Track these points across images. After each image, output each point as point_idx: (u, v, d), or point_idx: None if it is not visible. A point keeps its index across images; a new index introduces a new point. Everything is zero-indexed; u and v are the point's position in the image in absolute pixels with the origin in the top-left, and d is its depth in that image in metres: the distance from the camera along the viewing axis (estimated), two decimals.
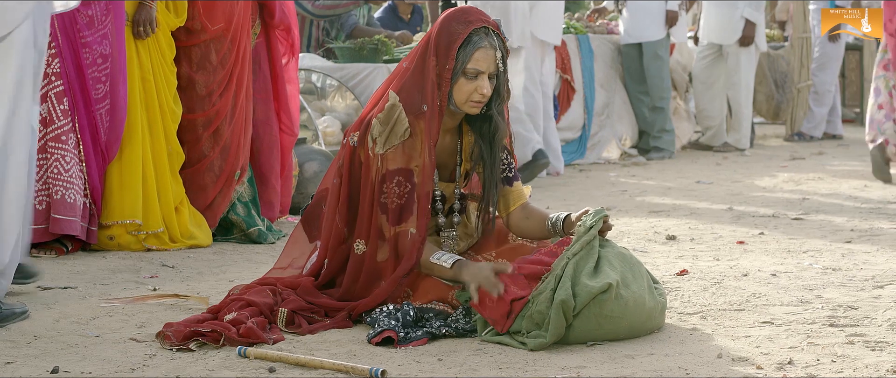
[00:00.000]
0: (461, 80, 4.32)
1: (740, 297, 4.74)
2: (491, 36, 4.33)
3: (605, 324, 4.01)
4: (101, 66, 5.96)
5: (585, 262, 4.07)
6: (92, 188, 5.97)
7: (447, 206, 4.57)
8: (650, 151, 11.80)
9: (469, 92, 4.32)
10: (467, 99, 4.34)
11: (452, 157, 4.54)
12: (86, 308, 4.66)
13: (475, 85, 4.31)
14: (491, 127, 4.44)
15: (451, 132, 4.51)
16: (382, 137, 4.36)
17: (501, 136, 4.46)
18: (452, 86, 4.33)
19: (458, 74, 4.31)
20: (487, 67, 4.31)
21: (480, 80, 4.31)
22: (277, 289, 4.49)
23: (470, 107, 4.35)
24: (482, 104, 4.35)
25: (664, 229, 6.84)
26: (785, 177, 9.84)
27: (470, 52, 4.30)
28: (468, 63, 4.30)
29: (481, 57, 4.30)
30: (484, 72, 4.30)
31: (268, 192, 6.78)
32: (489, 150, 4.47)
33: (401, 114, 4.35)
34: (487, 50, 4.31)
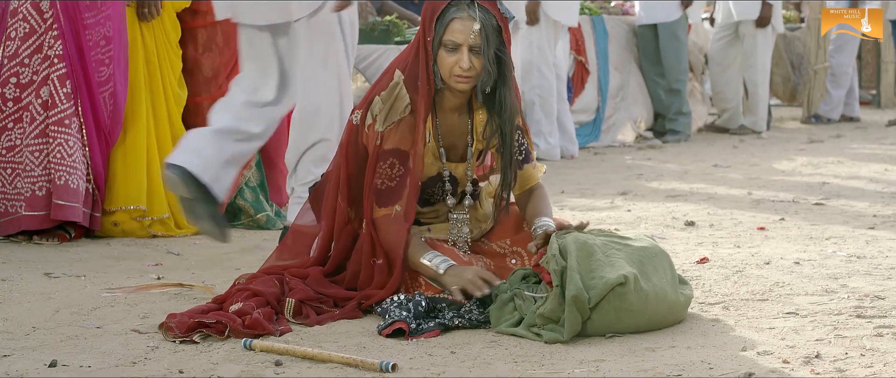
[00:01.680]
0: (441, 53, 4.20)
1: (763, 287, 4.59)
2: (473, 7, 4.18)
3: (625, 317, 3.87)
4: (104, 49, 5.85)
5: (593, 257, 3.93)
6: (95, 173, 5.86)
7: (459, 188, 4.43)
8: (666, 134, 11.73)
9: (450, 65, 4.19)
10: (450, 73, 4.21)
11: (462, 138, 4.41)
12: (87, 297, 4.54)
13: (456, 58, 4.18)
14: (499, 104, 4.31)
15: (459, 111, 4.38)
16: (382, 114, 4.26)
17: (511, 114, 4.32)
18: (436, 59, 4.22)
19: (437, 46, 4.20)
20: (464, 39, 4.16)
21: (460, 52, 4.17)
22: (284, 278, 4.36)
23: (455, 81, 4.22)
24: (468, 79, 4.21)
25: (682, 215, 6.72)
26: (803, 160, 9.72)
27: (446, 21, 4.18)
28: (445, 34, 4.18)
29: (458, 28, 4.17)
30: (461, 43, 4.17)
31: (276, 176, 6.65)
32: (503, 131, 4.33)
33: (402, 90, 4.26)
34: (465, 21, 4.16)
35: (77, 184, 5.71)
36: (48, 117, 5.71)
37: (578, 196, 7.70)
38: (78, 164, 5.73)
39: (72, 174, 5.69)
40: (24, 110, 5.74)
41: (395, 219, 4.22)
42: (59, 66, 5.72)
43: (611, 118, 11.59)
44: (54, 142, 5.70)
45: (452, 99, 4.32)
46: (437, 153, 4.36)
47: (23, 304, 4.43)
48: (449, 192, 4.43)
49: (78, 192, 5.71)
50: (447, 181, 4.41)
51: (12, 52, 5.73)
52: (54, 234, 5.80)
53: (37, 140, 5.72)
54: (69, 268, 5.16)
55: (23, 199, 5.71)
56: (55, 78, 5.72)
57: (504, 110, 4.29)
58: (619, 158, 10.28)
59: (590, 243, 3.98)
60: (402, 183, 4.24)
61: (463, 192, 4.45)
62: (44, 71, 5.72)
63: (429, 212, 4.48)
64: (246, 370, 3.53)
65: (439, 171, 4.39)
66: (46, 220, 5.72)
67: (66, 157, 5.70)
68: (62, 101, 5.72)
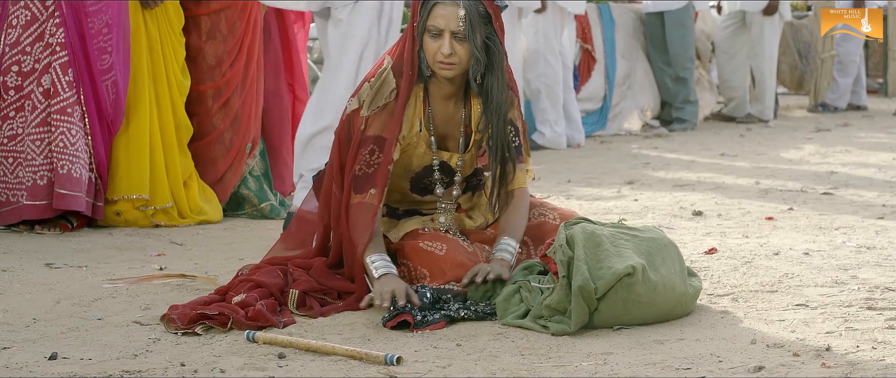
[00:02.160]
0: (426, 38, 4.14)
1: (772, 278, 4.54)
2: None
3: (633, 308, 3.82)
4: (107, 36, 5.80)
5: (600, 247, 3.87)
6: (98, 162, 5.81)
7: (450, 177, 4.37)
8: (672, 123, 11.70)
9: (433, 51, 4.13)
10: (433, 59, 4.15)
11: (458, 127, 4.34)
12: (88, 288, 4.49)
13: (438, 44, 4.12)
14: (486, 94, 4.22)
15: (452, 99, 4.30)
16: (368, 98, 4.21)
17: (499, 107, 4.22)
18: (422, 44, 4.16)
19: (422, 31, 4.14)
20: (447, 24, 4.09)
21: (443, 38, 4.11)
22: (288, 269, 4.32)
23: (439, 68, 4.16)
24: (451, 66, 4.14)
25: (690, 204, 6.67)
26: (811, 149, 9.67)
27: (429, 6, 4.13)
28: (428, 19, 4.12)
29: (440, 13, 4.10)
30: (443, 29, 4.10)
31: (280, 165, 6.63)
32: (489, 121, 4.24)
33: (389, 76, 4.20)
34: (447, 6, 4.10)
35: (79, 173, 5.65)
36: (50, 106, 5.66)
37: (585, 185, 7.65)
38: (80, 152, 5.68)
39: (74, 163, 5.64)
40: (25, 99, 5.69)
41: (366, 207, 4.14)
42: (60, 54, 5.67)
43: (617, 107, 11.54)
44: (56, 131, 5.64)
45: (445, 87, 4.25)
46: (429, 142, 4.30)
47: (23, 295, 4.38)
48: (438, 182, 4.37)
49: (80, 181, 5.66)
50: (436, 170, 4.34)
51: (13, 40, 5.68)
52: (56, 223, 5.75)
53: (38, 129, 5.67)
54: (71, 258, 5.11)
55: (24, 189, 5.67)
56: (57, 66, 5.67)
57: (490, 100, 4.20)
58: (626, 147, 10.24)
59: (597, 233, 3.93)
60: (382, 171, 4.17)
61: (452, 180, 4.38)
62: (45, 59, 5.67)
63: (429, 201, 4.43)
64: (249, 363, 3.48)
65: (431, 160, 4.33)
66: (48, 209, 5.67)
67: (68, 145, 5.65)
68: (64, 90, 5.66)
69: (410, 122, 4.23)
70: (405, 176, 4.36)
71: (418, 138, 4.27)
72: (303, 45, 6.96)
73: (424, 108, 4.26)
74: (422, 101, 4.25)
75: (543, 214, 4.45)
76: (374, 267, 4.07)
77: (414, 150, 4.29)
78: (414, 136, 4.27)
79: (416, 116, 4.24)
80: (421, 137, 4.28)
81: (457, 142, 4.34)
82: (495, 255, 4.17)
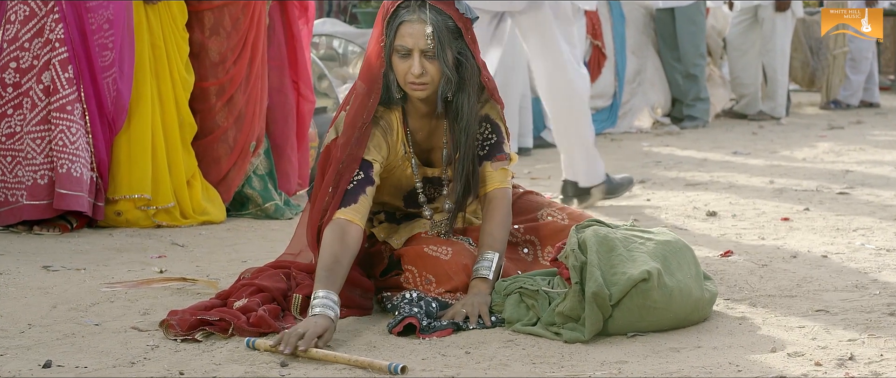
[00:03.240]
0: (394, 58, 3.98)
1: (790, 282, 4.42)
2: (424, 9, 3.95)
3: (648, 315, 3.71)
4: (108, 32, 5.70)
5: (614, 251, 3.76)
6: (98, 161, 5.72)
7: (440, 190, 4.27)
8: (683, 120, 11.65)
9: (404, 72, 3.98)
10: (404, 80, 3.99)
11: (440, 138, 4.20)
12: (86, 292, 4.38)
13: (408, 64, 3.97)
14: (455, 112, 4.07)
15: (431, 115, 4.14)
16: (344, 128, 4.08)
17: (469, 126, 4.07)
18: (391, 65, 4.00)
19: (390, 51, 3.99)
20: (415, 43, 3.94)
21: (412, 58, 3.96)
22: (292, 272, 4.19)
23: (411, 88, 4.00)
24: (423, 86, 3.98)
25: (703, 204, 6.58)
26: (824, 147, 9.58)
27: (395, 25, 3.97)
28: (395, 39, 3.96)
29: (407, 32, 3.95)
30: (411, 48, 3.95)
31: (284, 163, 6.54)
32: (457, 141, 4.09)
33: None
34: (414, 24, 3.94)
35: (80, 172, 5.56)
36: (50, 103, 5.57)
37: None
38: (81, 151, 5.58)
39: (74, 162, 5.55)
40: (24, 96, 5.59)
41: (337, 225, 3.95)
42: (60, 50, 5.58)
43: (627, 104, 11.48)
44: (56, 129, 5.55)
45: (419, 106, 4.12)
46: (411, 162, 4.18)
47: (19, 299, 4.28)
48: (425, 202, 4.26)
49: (81, 180, 5.57)
50: (420, 192, 4.23)
51: (12, 36, 5.59)
52: (55, 224, 5.65)
53: (38, 127, 5.58)
54: (69, 260, 5.01)
55: (23, 188, 5.58)
56: (57, 62, 5.57)
57: (460, 118, 4.06)
58: (637, 145, 10.18)
59: (610, 237, 3.82)
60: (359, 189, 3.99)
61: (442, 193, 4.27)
62: (45, 55, 5.58)
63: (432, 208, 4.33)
64: (250, 371, 3.39)
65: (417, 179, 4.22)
66: (48, 209, 5.58)
67: (68, 144, 5.55)
68: (64, 87, 5.57)
69: (394, 147, 4.11)
70: (397, 195, 4.26)
71: (404, 160, 4.16)
72: (307, 41, 6.86)
73: (403, 129, 4.13)
74: (400, 122, 4.11)
75: (551, 214, 4.34)
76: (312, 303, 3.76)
77: (402, 172, 4.19)
78: (400, 158, 4.16)
79: (400, 140, 4.12)
80: (406, 158, 4.17)
81: (441, 155, 4.22)
82: (475, 276, 4.01)
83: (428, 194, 4.25)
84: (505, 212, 4.14)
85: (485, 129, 4.17)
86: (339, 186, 3.98)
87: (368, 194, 3.99)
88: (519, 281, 3.92)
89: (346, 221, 3.92)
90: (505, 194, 4.16)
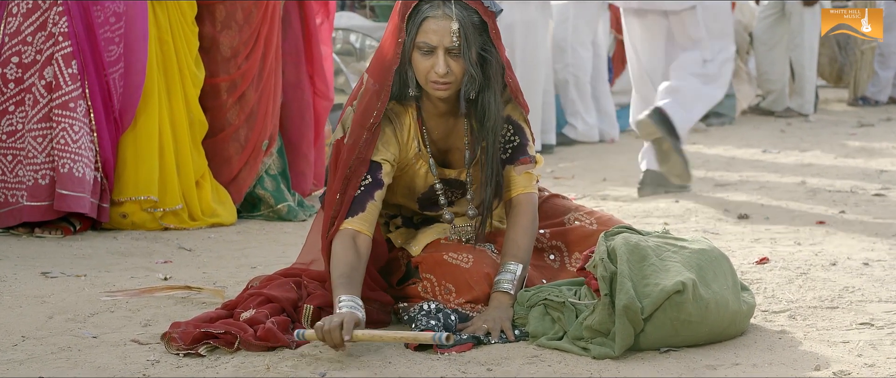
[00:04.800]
0: (416, 56, 3.77)
1: (832, 292, 4.19)
2: (449, 4, 3.75)
3: (682, 329, 3.51)
4: (115, 26, 5.56)
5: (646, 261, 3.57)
6: (104, 161, 5.56)
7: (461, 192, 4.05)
8: (709, 117, 11.48)
9: (426, 70, 3.77)
10: (426, 78, 3.78)
11: (459, 139, 3.98)
12: (85, 301, 4.19)
13: (431, 62, 3.75)
14: (481, 112, 3.86)
15: (450, 113, 3.94)
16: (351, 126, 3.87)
17: (494, 124, 3.86)
18: (410, 62, 3.79)
19: (410, 48, 3.77)
20: (440, 41, 3.73)
21: (436, 56, 3.75)
22: (302, 281, 3.99)
23: (432, 87, 3.79)
24: (446, 84, 3.78)
25: (734, 207, 6.40)
26: (856, 145, 9.41)
27: (418, 22, 3.75)
28: (418, 36, 3.75)
29: (431, 28, 3.73)
30: (436, 46, 3.74)
31: (299, 162, 6.41)
32: (483, 139, 3.89)
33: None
34: (439, 20, 3.73)
35: (83, 172, 5.40)
36: (52, 100, 5.41)
37: (621, 184, 7.41)
38: (84, 150, 5.43)
39: (76, 162, 5.39)
40: (26, 92, 5.44)
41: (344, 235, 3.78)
42: (64, 44, 5.42)
43: None
44: (58, 127, 5.40)
45: (438, 104, 3.91)
46: (428, 163, 3.97)
47: (14, 308, 4.10)
48: (444, 205, 4.03)
49: (84, 180, 5.41)
50: (440, 194, 4.00)
51: (14, 30, 5.44)
52: (58, 226, 5.50)
53: (39, 124, 5.42)
54: (70, 265, 4.84)
55: (24, 189, 5.42)
56: (60, 57, 5.41)
57: (487, 118, 3.85)
58: None
59: (642, 246, 3.62)
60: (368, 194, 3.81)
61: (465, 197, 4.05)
62: (48, 50, 5.43)
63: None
64: None
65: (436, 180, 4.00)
66: (49, 211, 5.43)
67: (71, 143, 5.40)
68: (67, 83, 5.41)
69: (405, 145, 3.91)
70: (411, 197, 4.04)
71: (417, 159, 3.95)
72: (326, 36, 6.75)
73: (419, 127, 3.92)
74: (415, 119, 3.90)
75: (579, 219, 4.13)
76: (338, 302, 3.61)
77: (415, 172, 3.98)
78: (412, 156, 3.94)
79: (413, 137, 3.91)
80: (420, 157, 3.95)
81: (462, 156, 4.00)
82: (496, 289, 3.79)
83: (448, 197, 4.02)
84: (530, 218, 3.93)
85: (507, 131, 3.95)
86: (347, 193, 3.80)
87: (377, 199, 3.82)
88: (544, 291, 3.72)
89: (354, 232, 3.76)
90: (530, 199, 3.95)
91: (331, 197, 3.85)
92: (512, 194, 3.93)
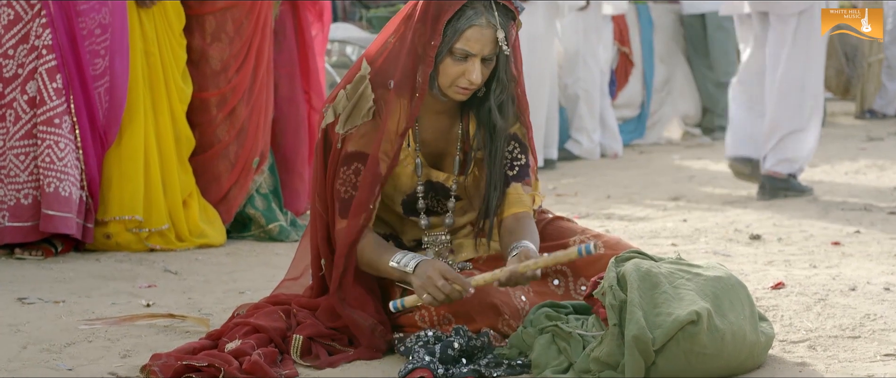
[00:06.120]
0: (447, 61, 3.60)
1: (852, 320, 3.99)
2: (491, 11, 3.59)
3: (697, 362, 3.32)
4: (100, 38, 5.38)
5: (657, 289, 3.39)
6: (89, 179, 5.39)
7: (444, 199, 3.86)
8: (715, 131, 11.54)
9: (455, 76, 3.60)
10: (452, 83, 3.62)
11: (452, 143, 3.82)
12: (61, 330, 3.98)
13: (462, 68, 3.59)
14: (489, 116, 3.72)
15: (446, 113, 3.79)
16: (345, 113, 3.70)
17: (502, 128, 3.73)
18: (437, 65, 3.61)
19: (443, 53, 3.59)
20: (480, 49, 3.58)
21: (470, 62, 3.58)
22: (292, 309, 3.80)
23: (455, 92, 3.64)
24: (470, 90, 3.64)
25: (745, 226, 6.21)
26: (866, 161, 9.32)
27: (461, 28, 3.57)
28: (456, 42, 3.57)
29: (474, 36, 3.57)
30: (476, 55, 3.58)
31: (293, 179, 6.24)
32: (490, 142, 3.75)
33: (367, 89, 3.69)
34: (484, 28, 3.57)
35: (69, 191, 5.22)
36: (36, 116, 5.24)
37: (626, 202, 7.25)
38: (70, 168, 5.25)
39: (63, 180, 5.21)
40: (7, 108, 5.26)
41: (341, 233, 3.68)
42: (47, 57, 5.24)
43: (656, 114, 11.45)
44: (43, 144, 5.22)
45: (437, 101, 3.74)
46: (415, 161, 3.80)
47: None
48: (422, 211, 3.85)
49: (70, 200, 5.23)
50: (420, 197, 3.82)
51: None
52: (39, 247, 5.32)
53: (22, 141, 5.25)
54: (49, 290, 4.63)
55: (6, 209, 5.24)
56: (43, 71, 5.23)
57: (494, 121, 3.72)
58: (667, 158, 10.04)
59: (654, 272, 3.43)
60: (369, 190, 3.67)
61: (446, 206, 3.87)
62: (31, 63, 5.25)
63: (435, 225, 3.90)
64: None
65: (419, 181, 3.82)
66: (33, 231, 5.25)
67: (56, 160, 5.22)
68: (51, 98, 5.23)
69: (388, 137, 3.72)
70: (396, 197, 3.85)
71: (406, 155, 3.78)
72: (321, 48, 6.58)
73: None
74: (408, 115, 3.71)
75: (584, 243, 3.89)
76: (402, 265, 3.56)
77: (402, 169, 3.80)
78: (401, 152, 3.76)
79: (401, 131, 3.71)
80: (408, 153, 3.78)
81: (453, 160, 3.83)
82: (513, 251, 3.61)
83: (428, 202, 3.85)
84: (536, 231, 3.77)
85: (513, 148, 3.79)
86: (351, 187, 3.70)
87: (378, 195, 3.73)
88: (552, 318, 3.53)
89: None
90: (529, 218, 3.80)
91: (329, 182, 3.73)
92: (516, 210, 3.77)
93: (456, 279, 3.42)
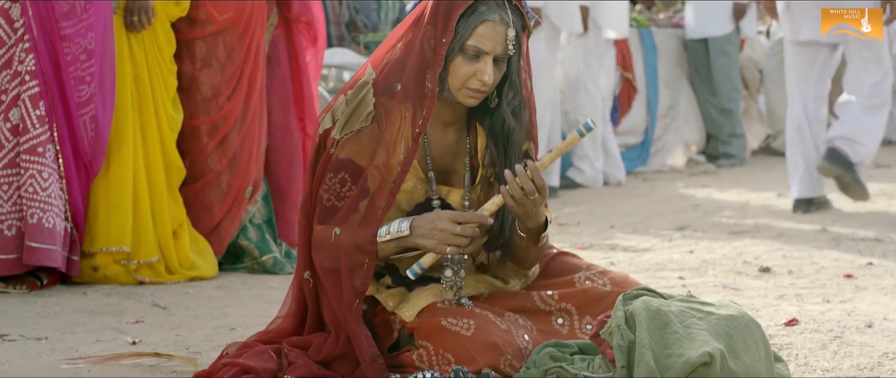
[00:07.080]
0: (458, 59, 3.45)
1: (870, 359, 3.81)
2: (504, 9, 3.45)
3: None
4: (85, 64, 5.19)
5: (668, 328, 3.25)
6: (73, 210, 5.21)
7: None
8: (719, 158, 11.42)
9: (466, 76, 3.45)
10: (463, 84, 3.46)
11: (460, 158, 3.66)
12: (42, 370, 3.81)
13: (474, 68, 3.44)
14: (502, 126, 3.57)
15: (454, 126, 3.64)
16: (343, 118, 3.54)
17: (517, 139, 3.59)
18: (448, 65, 3.46)
19: (454, 51, 3.45)
20: (493, 47, 3.43)
21: (482, 61, 3.44)
22: (282, 349, 3.62)
23: (465, 95, 3.48)
24: (481, 94, 3.49)
25: (753, 258, 6.03)
26: (874, 188, 9.07)
27: (473, 24, 3.43)
28: (468, 38, 3.43)
29: (487, 32, 3.43)
30: (488, 52, 3.43)
31: (288, 210, 6.05)
32: (503, 155, 3.60)
33: (368, 94, 3.53)
34: (496, 25, 3.43)
35: (53, 222, 5.05)
36: (18, 144, 5.07)
37: (630, 231, 7.08)
38: (54, 199, 5.08)
39: (46, 211, 5.04)
40: None
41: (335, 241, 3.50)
42: (30, 84, 5.06)
43: (660, 140, 11.31)
44: (25, 173, 5.04)
45: (448, 113, 3.60)
46: (422, 176, 3.62)
47: None
48: None
49: (54, 232, 5.05)
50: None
51: None
52: (24, 280, 5.15)
53: (5, 171, 5.07)
54: (31, 327, 4.45)
55: None
56: (26, 98, 5.06)
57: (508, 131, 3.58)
58: (671, 186, 9.86)
59: (664, 311, 3.28)
60: (352, 205, 3.50)
61: None
62: (13, 90, 5.07)
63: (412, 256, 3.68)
64: None
65: (426, 197, 3.63)
66: (16, 264, 5.07)
67: (39, 191, 5.04)
68: (35, 126, 5.07)
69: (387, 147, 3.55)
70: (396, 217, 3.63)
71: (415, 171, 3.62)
72: (316, 73, 6.44)
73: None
74: (410, 123, 3.54)
75: (590, 279, 3.76)
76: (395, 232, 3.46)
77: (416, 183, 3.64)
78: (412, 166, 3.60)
79: (404, 143, 3.53)
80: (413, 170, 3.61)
81: (462, 176, 3.67)
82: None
83: None
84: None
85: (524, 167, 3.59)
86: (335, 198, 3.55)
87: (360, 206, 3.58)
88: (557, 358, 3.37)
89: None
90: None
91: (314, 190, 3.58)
92: None
93: (470, 218, 3.37)
